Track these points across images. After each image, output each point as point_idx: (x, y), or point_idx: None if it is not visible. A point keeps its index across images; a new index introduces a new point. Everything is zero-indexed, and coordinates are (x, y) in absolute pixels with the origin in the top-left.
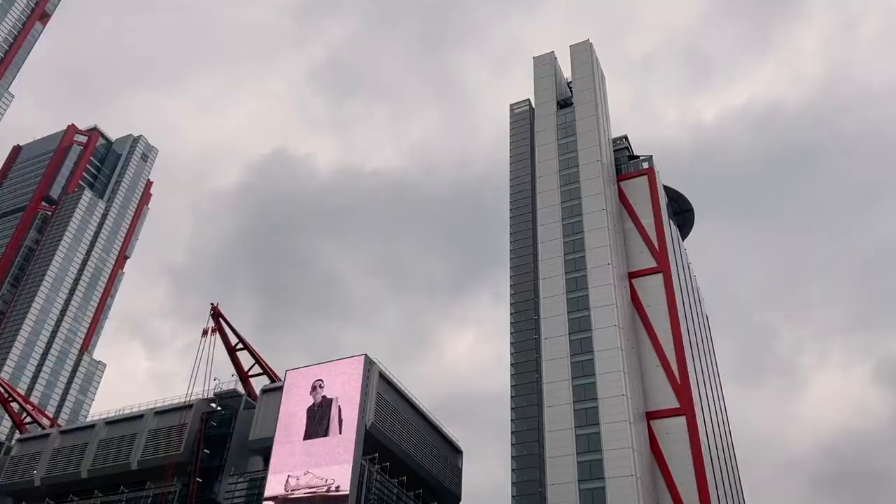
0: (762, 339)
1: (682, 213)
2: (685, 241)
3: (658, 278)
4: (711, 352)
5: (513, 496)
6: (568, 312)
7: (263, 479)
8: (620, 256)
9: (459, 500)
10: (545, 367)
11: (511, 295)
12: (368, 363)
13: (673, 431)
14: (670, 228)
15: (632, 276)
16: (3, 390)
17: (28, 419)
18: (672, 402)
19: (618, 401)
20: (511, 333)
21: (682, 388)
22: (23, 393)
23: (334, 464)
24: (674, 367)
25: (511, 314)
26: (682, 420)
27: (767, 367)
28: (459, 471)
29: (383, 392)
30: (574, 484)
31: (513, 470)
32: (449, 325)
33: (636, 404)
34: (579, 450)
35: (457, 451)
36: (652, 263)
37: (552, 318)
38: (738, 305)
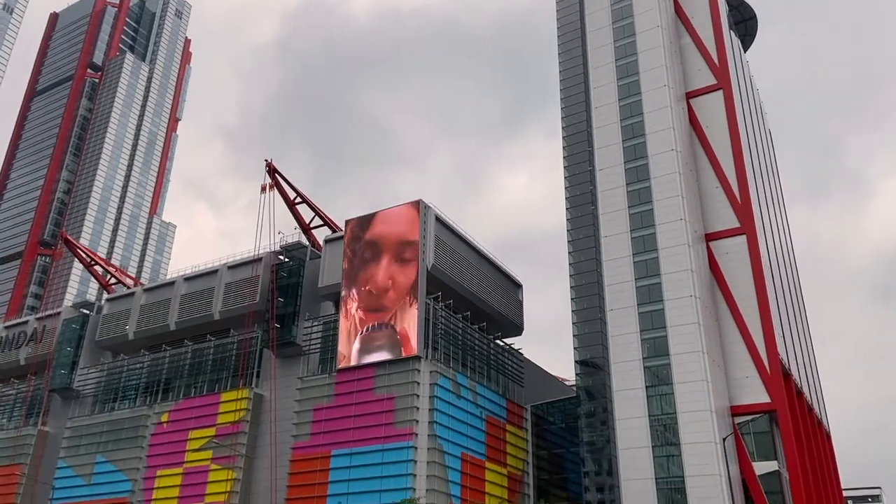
0: (829, 150)
1: (743, 21)
2: (747, 52)
3: (718, 96)
4: (774, 169)
5: (574, 323)
6: (623, 140)
7: (336, 321)
8: (677, 76)
9: (522, 330)
10: (601, 198)
11: (563, 127)
12: (424, 207)
13: (733, 251)
14: (731, 40)
15: (689, 95)
16: (85, 255)
17: (113, 280)
18: (733, 223)
19: (676, 225)
20: (565, 167)
21: (742, 208)
22: (103, 257)
23: (401, 304)
24: (734, 186)
25: (564, 147)
26: (742, 239)
27: (833, 180)
28: (520, 303)
29: (440, 234)
30: (633, 308)
31: (572, 299)
32: (502, 165)
33: (695, 227)
34: (638, 275)
35: (516, 286)
36: (711, 80)
37: (606, 147)
38: (803, 117)
